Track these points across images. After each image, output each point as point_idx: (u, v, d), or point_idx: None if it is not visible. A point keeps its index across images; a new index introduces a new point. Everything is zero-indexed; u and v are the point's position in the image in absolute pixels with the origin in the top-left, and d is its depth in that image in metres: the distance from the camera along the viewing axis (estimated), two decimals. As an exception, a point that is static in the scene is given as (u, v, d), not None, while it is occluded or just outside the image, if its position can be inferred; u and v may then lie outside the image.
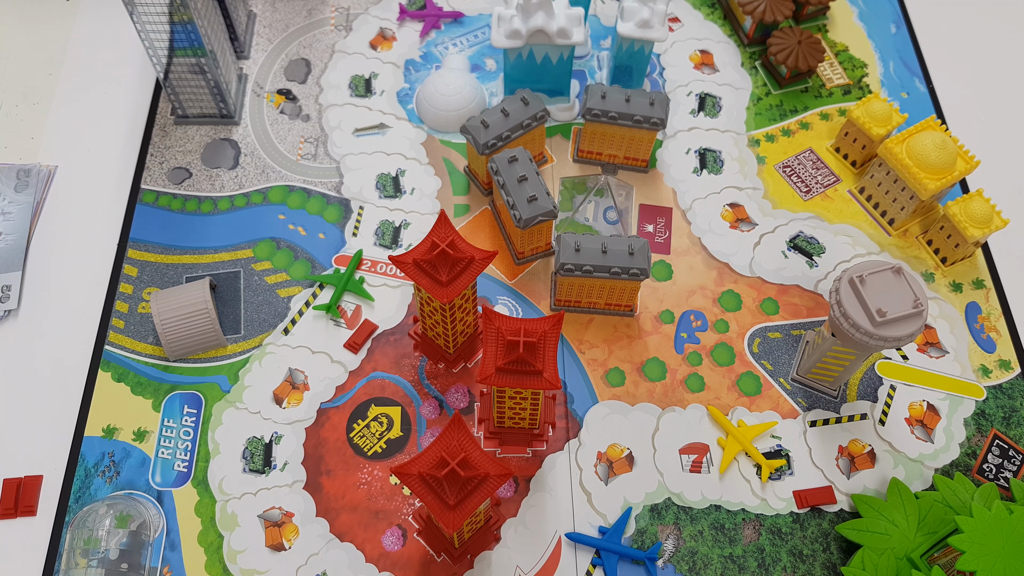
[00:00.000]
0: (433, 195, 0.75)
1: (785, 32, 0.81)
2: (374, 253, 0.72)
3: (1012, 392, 0.69)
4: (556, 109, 0.79)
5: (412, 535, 0.61)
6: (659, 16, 0.72)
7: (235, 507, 0.62)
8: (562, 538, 0.61)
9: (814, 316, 0.71)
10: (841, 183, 0.78)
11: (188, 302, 0.66)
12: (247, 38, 0.83)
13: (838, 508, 0.64)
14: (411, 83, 0.82)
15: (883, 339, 0.57)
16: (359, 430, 0.65)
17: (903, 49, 0.86)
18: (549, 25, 0.71)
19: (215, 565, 0.60)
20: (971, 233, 0.70)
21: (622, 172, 0.77)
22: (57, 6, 0.86)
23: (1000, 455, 0.66)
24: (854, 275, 0.58)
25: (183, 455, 0.63)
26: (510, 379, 0.55)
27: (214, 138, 0.78)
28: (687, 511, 0.63)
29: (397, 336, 0.69)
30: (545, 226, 0.68)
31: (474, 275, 0.57)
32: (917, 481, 0.65)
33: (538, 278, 0.72)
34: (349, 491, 0.62)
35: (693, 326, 0.70)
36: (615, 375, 0.68)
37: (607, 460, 0.64)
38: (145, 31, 0.69)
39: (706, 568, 0.61)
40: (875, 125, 0.74)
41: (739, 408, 0.67)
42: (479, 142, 0.69)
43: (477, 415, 0.66)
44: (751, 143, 0.80)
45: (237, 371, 0.67)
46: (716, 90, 0.83)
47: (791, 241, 0.74)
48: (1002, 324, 0.72)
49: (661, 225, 0.75)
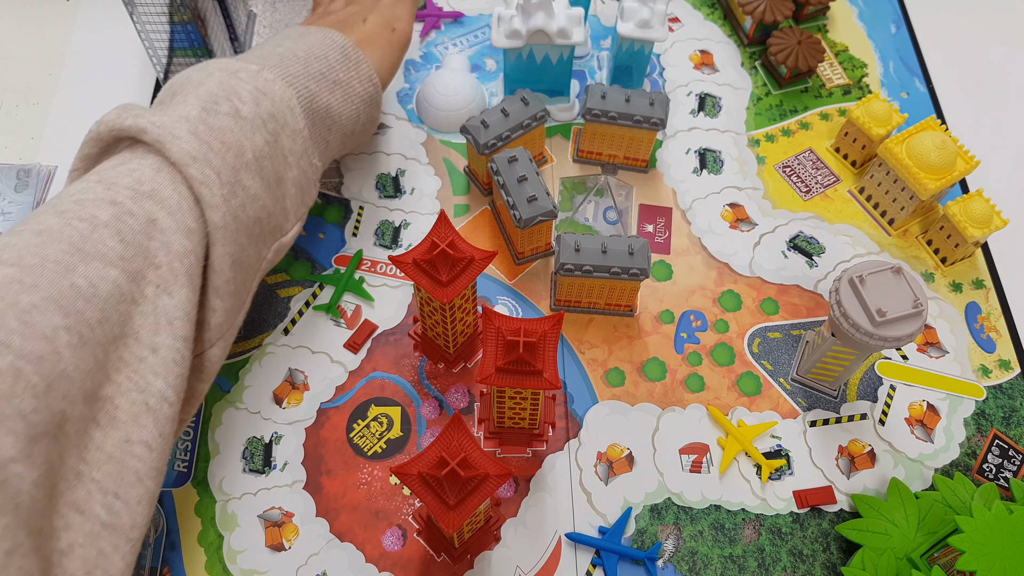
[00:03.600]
0: (433, 195, 0.75)
1: (785, 32, 0.81)
2: (374, 253, 0.72)
3: (1012, 392, 0.69)
4: (556, 109, 0.79)
5: (412, 535, 0.61)
6: (659, 16, 0.73)
7: (235, 507, 0.62)
8: (562, 538, 0.61)
9: (814, 316, 0.71)
10: (841, 183, 0.78)
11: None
12: (247, 38, 0.83)
13: (838, 508, 0.64)
14: (411, 83, 0.82)
15: (883, 339, 0.57)
16: (359, 430, 0.65)
17: (903, 49, 0.86)
18: (549, 25, 0.71)
19: (215, 565, 0.60)
20: (971, 233, 0.70)
21: (622, 172, 0.77)
22: (57, 6, 0.86)
23: (1000, 455, 0.66)
24: (854, 275, 0.58)
25: (183, 455, 0.64)
26: (510, 379, 0.55)
27: (214, 138, 0.78)
28: (687, 511, 0.63)
29: (397, 336, 0.69)
30: (545, 226, 0.69)
31: (474, 275, 0.58)
32: (917, 481, 0.65)
33: (538, 278, 0.72)
34: (349, 491, 0.62)
35: (693, 326, 0.70)
36: (615, 375, 0.68)
37: (607, 460, 0.64)
38: (145, 31, 0.69)
39: (706, 568, 0.61)
40: (875, 125, 0.74)
41: (739, 408, 0.67)
42: (479, 142, 0.69)
43: (477, 415, 0.66)
44: (751, 143, 0.80)
45: (237, 371, 0.67)
46: (716, 90, 0.83)
47: (791, 241, 0.74)
48: (1002, 324, 0.72)
49: (661, 225, 0.75)
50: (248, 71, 0.57)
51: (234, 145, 0.53)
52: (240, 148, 0.54)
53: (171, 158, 0.51)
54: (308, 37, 0.63)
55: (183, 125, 0.52)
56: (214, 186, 0.51)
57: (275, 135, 0.57)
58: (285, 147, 0.57)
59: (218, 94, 0.55)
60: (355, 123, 0.65)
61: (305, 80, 0.60)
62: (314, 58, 0.61)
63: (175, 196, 0.50)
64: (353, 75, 0.63)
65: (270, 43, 0.63)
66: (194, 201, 0.51)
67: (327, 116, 0.62)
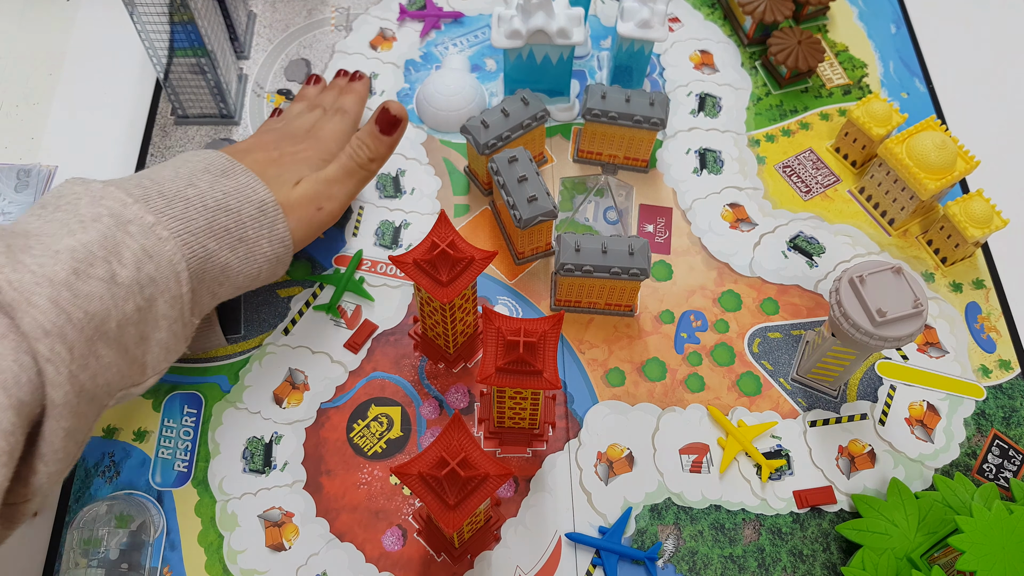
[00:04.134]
0: (433, 195, 0.75)
1: (785, 32, 0.81)
2: (374, 253, 0.72)
3: (1012, 392, 0.69)
4: (556, 109, 0.79)
5: (412, 535, 0.61)
6: (659, 16, 0.73)
7: (235, 507, 0.62)
8: (562, 538, 0.61)
9: (814, 316, 0.71)
10: (841, 183, 0.78)
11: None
12: (247, 38, 0.83)
13: (838, 508, 0.64)
14: (411, 83, 0.82)
15: (883, 339, 0.57)
16: (359, 430, 0.65)
17: (903, 49, 0.86)
18: (549, 25, 0.71)
19: (215, 565, 0.60)
20: (971, 233, 0.70)
21: (622, 172, 0.77)
22: (57, 6, 0.86)
23: (1000, 455, 0.66)
24: (854, 275, 0.58)
25: (183, 455, 0.63)
26: (510, 379, 0.55)
27: (214, 138, 0.78)
28: (687, 511, 0.63)
29: (397, 336, 0.69)
30: (545, 226, 0.69)
31: (474, 275, 0.57)
32: (917, 481, 0.65)
33: (538, 278, 0.72)
34: (349, 491, 0.62)
35: (693, 326, 0.70)
36: (615, 375, 0.68)
37: (607, 460, 0.64)
38: (145, 31, 0.69)
39: (706, 568, 0.61)
40: (875, 125, 0.74)
41: (739, 408, 0.67)
42: (479, 142, 0.69)
43: (477, 415, 0.66)
44: (751, 143, 0.80)
45: (237, 371, 0.67)
46: (716, 90, 0.83)
47: (791, 241, 0.74)
48: (1002, 324, 0.72)
49: (661, 225, 0.75)
50: (141, 225, 0.52)
51: (99, 314, 0.48)
52: (105, 317, 0.48)
53: (21, 327, 0.45)
54: (230, 179, 0.58)
55: (44, 290, 0.46)
56: (62, 364, 0.46)
57: (150, 301, 0.51)
58: (159, 312, 0.52)
59: (96, 253, 0.49)
60: (253, 280, 0.59)
61: (206, 238, 0.55)
62: (224, 210, 0.56)
63: (14, 368, 0.44)
64: (264, 234, 0.58)
65: (190, 169, 0.57)
66: (36, 373, 0.45)
67: (221, 274, 0.56)
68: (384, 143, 0.65)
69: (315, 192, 0.62)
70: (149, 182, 0.55)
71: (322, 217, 0.62)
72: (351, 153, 0.65)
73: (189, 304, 0.54)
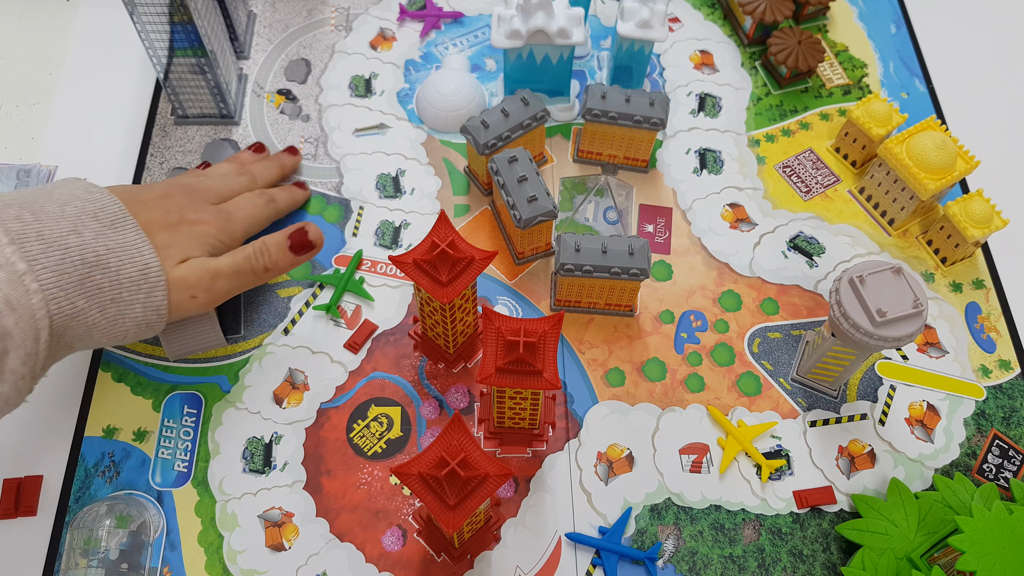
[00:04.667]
0: (433, 195, 0.75)
1: (785, 32, 0.81)
2: (374, 253, 0.72)
3: (1012, 392, 0.69)
4: (556, 109, 0.79)
5: (412, 535, 0.61)
6: (659, 16, 0.73)
7: (235, 507, 0.62)
8: (562, 538, 0.61)
9: (814, 316, 0.71)
10: (841, 183, 0.78)
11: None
12: (247, 38, 0.83)
13: (838, 508, 0.64)
14: (411, 83, 0.82)
15: (883, 339, 0.57)
16: (359, 430, 0.65)
17: (903, 49, 0.86)
18: (549, 25, 0.71)
19: (215, 565, 0.60)
20: (971, 233, 0.70)
21: (622, 172, 0.77)
22: (57, 6, 0.86)
23: (1000, 455, 0.66)
24: (854, 275, 0.58)
25: (183, 455, 0.63)
26: (510, 379, 0.55)
27: (214, 138, 0.78)
28: (687, 511, 0.63)
29: (397, 336, 0.69)
30: (545, 226, 0.69)
31: (474, 275, 0.57)
32: (917, 481, 0.65)
33: (538, 278, 0.72)
34: (349, 491, 0.62)
35: (693, 326, 0.70)
36: (615, 375, 0.68)
37: (607, 460, 0.64)
38: (145, 31, 0.69)
39: (706, 568, 0.61)
40: (875, 125, 0.74)
41: (739, 408, 0.67)
42: (479, 142, 0.69)
43: (477, 415, 0.66)
44: (751, 143, 0.80)
45: (237, 371, 0.67)
46: (716, 90, 0.83)
47: (791, 241, 0.74)
48: (1002, 324, 0.72)
49: (661, 225, 0.75)
50: (10, 272, 0.49)
51: None
52: None
53: None
54: (117, 234, 0.54)
55: None
56: None
57: (1, 354, 0.49)
58: (7, 368, 0.49)
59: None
60: (116, 340, 0.56)
61: (76, 295, 0.52)
62: (103, 268, 0.53)
63: None
64: (140, 299, 0.55)
65: (78, 210, 0.54)
66: None
67: (85, 333, 0.53)
68: (289, 259, 0.63)
69: (197, 279, 0.58)
70: (31, 216, 0.51)
71: (192, 306, 0.59)
72: (250, 255, 0.61)
73: (43, 362, 0.51)
